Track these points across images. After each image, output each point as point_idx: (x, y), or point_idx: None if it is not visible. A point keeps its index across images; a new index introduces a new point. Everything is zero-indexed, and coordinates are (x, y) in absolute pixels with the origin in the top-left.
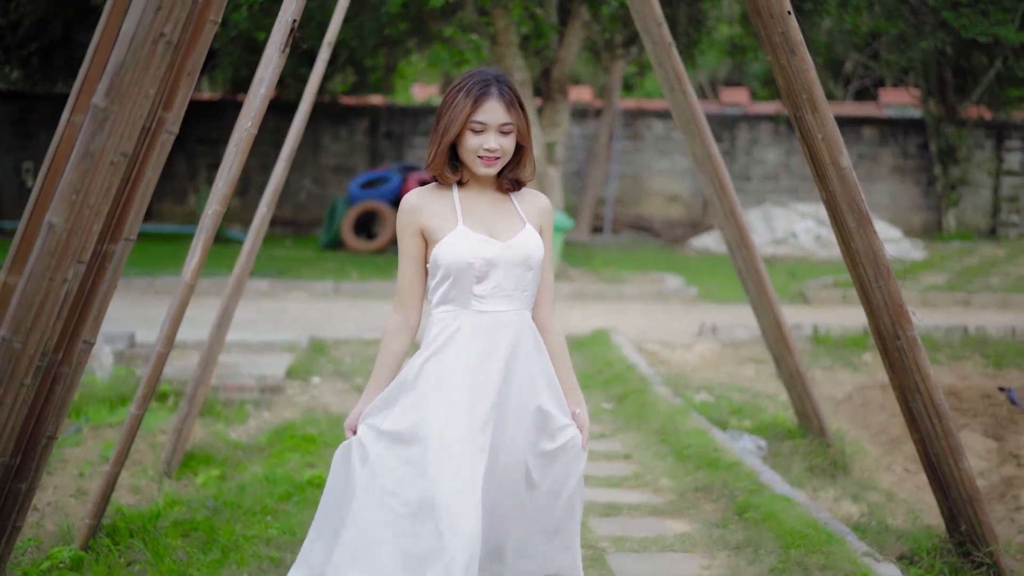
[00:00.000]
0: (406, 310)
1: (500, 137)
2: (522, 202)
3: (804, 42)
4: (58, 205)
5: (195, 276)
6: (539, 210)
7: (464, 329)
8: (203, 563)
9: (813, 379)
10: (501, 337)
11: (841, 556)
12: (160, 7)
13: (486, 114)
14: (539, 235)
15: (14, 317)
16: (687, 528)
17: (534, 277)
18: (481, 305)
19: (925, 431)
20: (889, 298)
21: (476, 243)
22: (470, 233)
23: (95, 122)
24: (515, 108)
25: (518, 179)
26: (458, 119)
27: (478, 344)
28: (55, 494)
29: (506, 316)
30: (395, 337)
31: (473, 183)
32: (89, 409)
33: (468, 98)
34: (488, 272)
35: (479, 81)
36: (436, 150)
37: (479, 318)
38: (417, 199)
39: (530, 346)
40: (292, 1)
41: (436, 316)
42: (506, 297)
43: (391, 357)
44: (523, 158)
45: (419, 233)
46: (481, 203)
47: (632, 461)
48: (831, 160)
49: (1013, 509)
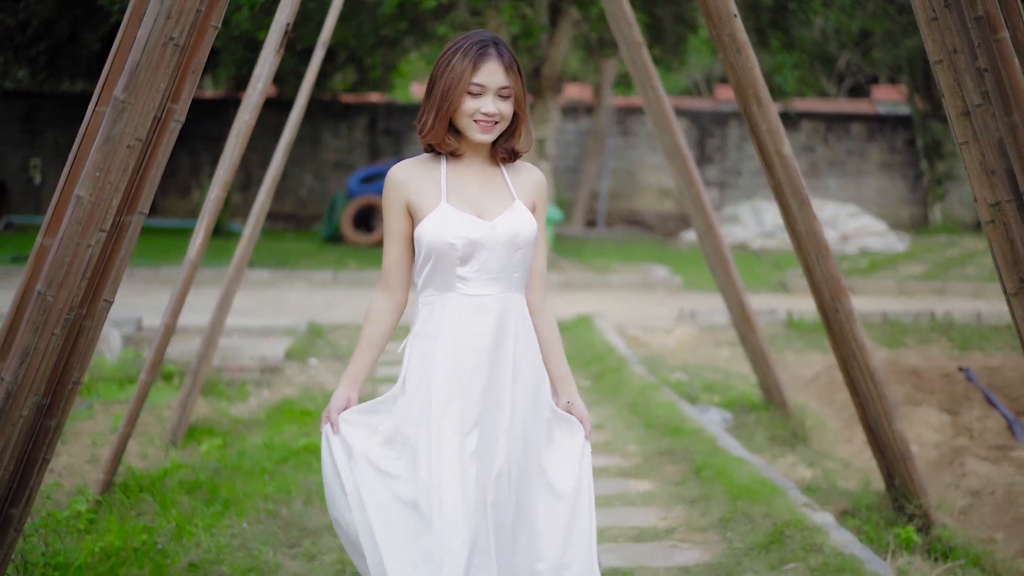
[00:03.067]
0: (392, 291)
1: (499, 101)
2: (514, 176)
3: (749, 42)
4: (84, 181)
5: (199, 255)
6: (533, 184)
7: (449, 315)
8: (206, 514)
9: (785, 361)
10: (489, 321)
11: (782, 506)
12: (169, 16)
13: (485, 76)
14: (530, 212)
15: (48, 274)
16: (649, 487)
17: (523, 257)
18: (466, 288)
19: (863, 395)
20: (828, 275)
21: (459, 223)
22: (453, 212)
23: (115, 112)
24: (514, 71)
25: (513, 149)
26: (458, 83)
27: (464, 330)
28: (70, 460)
29: (492, 300)
30: (380, 320)
31: (466, 154)
32: (100, 387)
33: (467, 59)
34: (472, 253)
35: (477, 42)
36: (434, 117)
37: (465, 301)
38: (403, 173)
39: (522, 332)
40: (287, 6)
41: (421, 302)
42: (492, 280)
43: (374, 340)
44: (518, 127)
45: (405, 209)
46: (470, 178)
47: (605, 430)
48: (775, 149)
49: (959, 476)
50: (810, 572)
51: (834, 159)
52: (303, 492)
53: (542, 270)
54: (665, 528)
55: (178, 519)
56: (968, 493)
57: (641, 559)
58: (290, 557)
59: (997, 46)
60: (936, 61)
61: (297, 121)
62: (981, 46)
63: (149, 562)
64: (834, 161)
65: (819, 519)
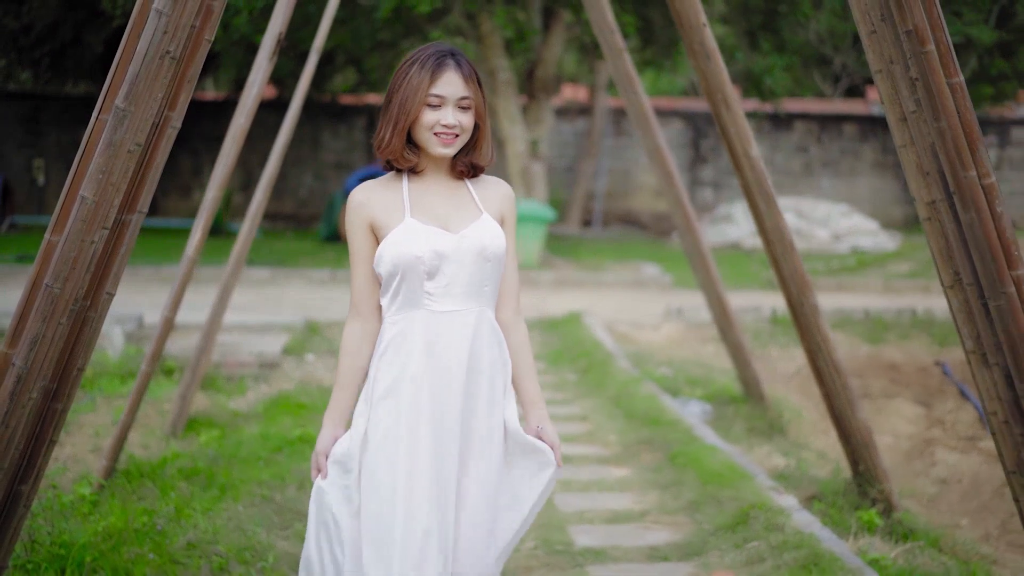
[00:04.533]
0: (364, 318)
1: (459, 112)
2: (480, 190)
3: (718, 49)
4: (88, 182)
5: (197, 252)
6: (500, 197)
7: (418, 334)
8: (203, 498)
9: (769, 356)
10: (459, 340)
11: (749, 490)
12: (166, 31)
13: (444, 87)
14: (499, 225)
15: (55, 268)
16: (626, 473)
17: (493, 270)
18: (434, 304)
19: (829, 386)
20: (794, 270)
21: (424, 235)
22: (419, 226)
23: (116, 119)
24: (473, 82)
25: (474, 163)
26: (415, 95)
27: (436, 349)
28: (73, 450)
29: (462, 316)
30: (357, 351)
31: (427, 171)
32: (102, 382)
33: (424, 70)
34: (439, 267)
35: (435, 52)
36: (392, 131)
37: (433, 319)
38: (364, 193)
39: (494, 350)
40: (279, 16)
41: (388, 321)
42: (461, 295)
43: (353, 373)
44: (479, 140)
45: (369, 230)
46: (434, 193)
47: (587, 421)
48: (743, 151)
49: (930, 465)
50: (771, 550)
51: (827, 159)
52: (296, 479)
53: (514, 287)
54: (639, 511)
55: (177, 503)
56: (937, 481)
57: (614, 539)
58: (282, 538)
59: (925, 57)
60: (876, 71)
61: (292, 123)
62: (912, 57)
63: (149, 541)
64: (827, 161)
65: (783, 502)
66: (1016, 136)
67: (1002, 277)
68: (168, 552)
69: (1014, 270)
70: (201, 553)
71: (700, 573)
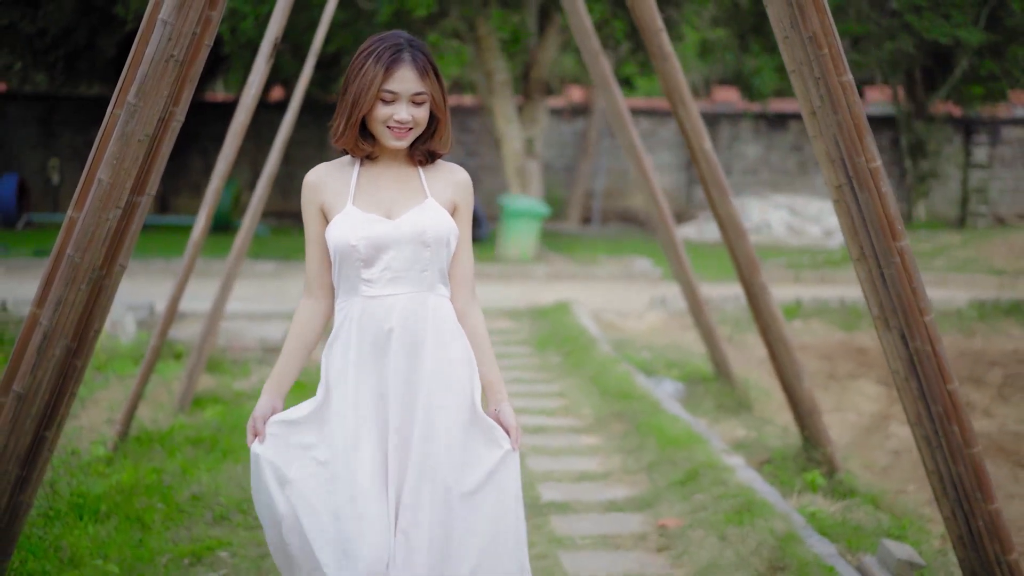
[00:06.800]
0: (315, 296)
1: (412, 107)
2: (432, 175)
3: (674, 53)
4: (104, 167)
5: (203, 236)
6: (454, 184)
7: (355, 319)
8: (207, 460)
9: (746, 342)
10: (394, 323)
11: (701, 452)
12: (171, 38)
13: (397, 83)
14: (448, 211)
15: (76, 241)
16: (596, 441)
17: (433, 255)
18: (370, 290)
19: (779, 359)
20: (744, 254)
21: (361, 224)
22: (357, 213)
23: (128, 113)
24: (429, 76)
25: (431, 151)
26: (368, 89)
27: (367, 334)
28: (89, 421)
29: (398, 300)
30: (305, 325)
31: (382, 156)
32: (115, 364)
33: (378, 65)
34: (376, 255)
35: (390, 46)
36: (344, 123)
37: (369, 304)
38: (317, 176)
39: (441, 332)
40: (276, 22)
41: (336, 307)
42: (397, 279)
43: (299, 346)
44: (438, 129)
45: (320, 212)
46: (384, 180)
47: (565, 397)
48: (698, 145)
49: (884, 438)
50: (713, 500)
51: None
52: None
53: (466, 273)
54: (603, 472)
55: (183, 463)
56: (890, 453)
57: (577, 495)
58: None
59: (822, 60)
60: (791, 71)
61: (292, 121)
62: (815, 60)
63: (158, 494)
64: None
65: (731, 462)
66: (1007, 135)
67: (890, 248)
68: (175, 502)
69: (897, 241)
70: (204, 504)
71: (650, 520)
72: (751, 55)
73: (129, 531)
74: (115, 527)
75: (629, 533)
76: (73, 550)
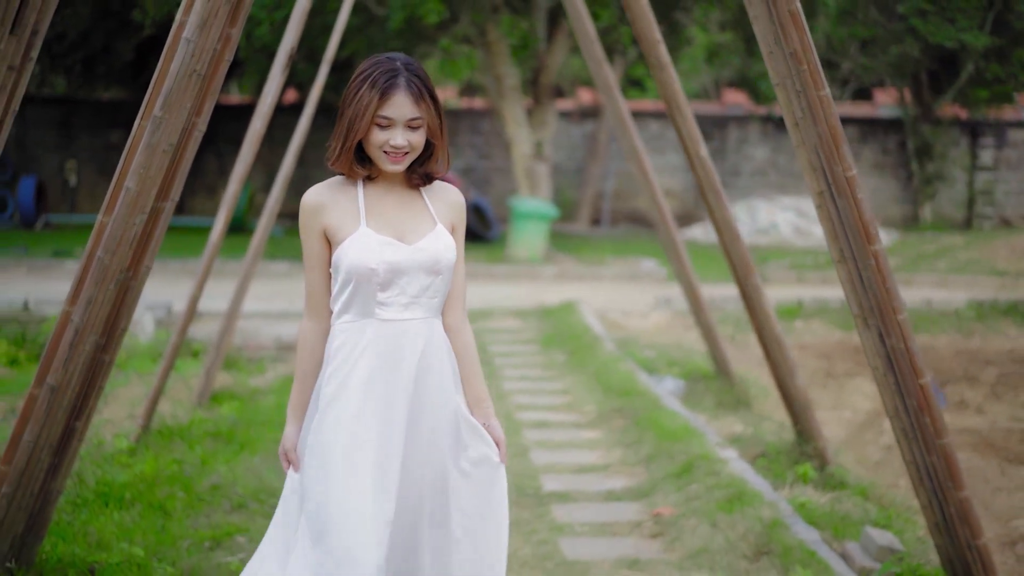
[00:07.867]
0: (320, 317)
1: (408, 132)
2: (434, 198)
3: (671, 63)
4: (132, 175)
5: (221, 237)
6: (450, 205)
7: (369, 342)
8: (225, 452)
9: (747, 342)
10: (409, 348)
11: (697, 445)
12: (194, 54)
13: (392, 109)
14: (450, 234)
15: (106, 244)
16: (597, 435)
17: (443, 281)
18: (385, 313)
19: (773, 357)
20: (739, 256)
21: (380, 247)
22: (373, 235)
23: (154, 125)
24: (425, 101)
25: (429, 173)
26: (363, 114)
27: (383, 357)
28: (111, 415)
29: (413, 325)
30: (315, 349)
31: (381, 178)
32: (135, 362)
33: (374, 91)
34: (393, 279)
35: (385, 71)
36: (341, 147)
37: (383, 327)
38: (318, 196)
39: (443, 357)
40: (291, 33)
41: (337, 328)
42: (412, 304)
43: (311, 370)
44: (435, 152)
45: (322, 234)
46: (389, 200)
47: (568, 394)
48: (694, 151)
49: (878, 434)
50: (706, 490)
51: None
52: None
53: (461, 292)
54: (603, 464)
55: (203, 455)
56: (883, 448)
57: (578, 485)
58: None
59: (802, 75)
60: (776, 83)
61: (307, 125)
62: (796, 75)
63: (179, 483)
64: None
65: (725, 454)
66: (1012, 138)
67: (866, 251)
68: (195, 491)
69: (872, 245)
70: (223, 494)
71: (646, 509)
72: (757, 59)
73: (152, 518)
74: (139, 514)
75: (626, 521)
76: (100, 535)
